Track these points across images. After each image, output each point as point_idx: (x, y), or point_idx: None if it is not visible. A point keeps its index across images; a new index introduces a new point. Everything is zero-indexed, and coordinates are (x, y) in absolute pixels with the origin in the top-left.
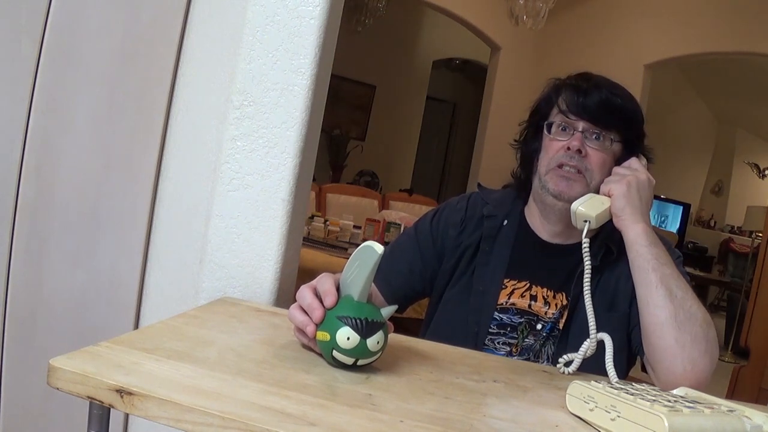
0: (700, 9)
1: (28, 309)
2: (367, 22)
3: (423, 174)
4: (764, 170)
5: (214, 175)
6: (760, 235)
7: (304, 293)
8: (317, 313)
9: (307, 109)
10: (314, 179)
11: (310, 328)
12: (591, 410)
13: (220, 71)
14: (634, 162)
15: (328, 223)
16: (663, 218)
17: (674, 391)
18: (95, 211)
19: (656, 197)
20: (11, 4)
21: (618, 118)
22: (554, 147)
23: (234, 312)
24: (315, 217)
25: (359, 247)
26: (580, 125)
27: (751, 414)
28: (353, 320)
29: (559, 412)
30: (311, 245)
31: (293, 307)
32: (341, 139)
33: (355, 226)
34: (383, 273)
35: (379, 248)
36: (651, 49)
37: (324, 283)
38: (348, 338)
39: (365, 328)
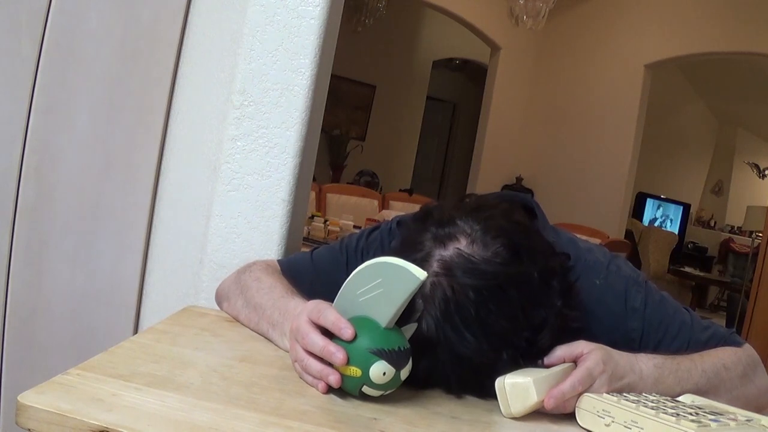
0: (700, 9)
1: (28, 309)
2: (367, 22)
3: (423, 174)
4: (764, 170)
5: (214, 175)
6: (760, 235)
7: (313, 337)
8: (340, 357)
9: (307, 109)
10: (314, 179)
11: (334, 378)
12: (607, 425)
13: (220, 71)
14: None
15: (328, 223)
16: (663, 218)
17: (680, 399)
18: (95, 211)
19: (657, 197)
20: (11, 4)
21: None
22: None
23: (203, 324)
24: (315, 217)
25: (380, 261)
26: None
27: None
28: (387, 352)
29: (572, 427)
30: (311, 245)
31: (298, 349)
32: (341, 139)
33: (355, 226)
34: (305, 281)
35: (421, 274)
36: (651, 49)
37: (328, 314)
38: (384, 373)
39: (399, 360)
